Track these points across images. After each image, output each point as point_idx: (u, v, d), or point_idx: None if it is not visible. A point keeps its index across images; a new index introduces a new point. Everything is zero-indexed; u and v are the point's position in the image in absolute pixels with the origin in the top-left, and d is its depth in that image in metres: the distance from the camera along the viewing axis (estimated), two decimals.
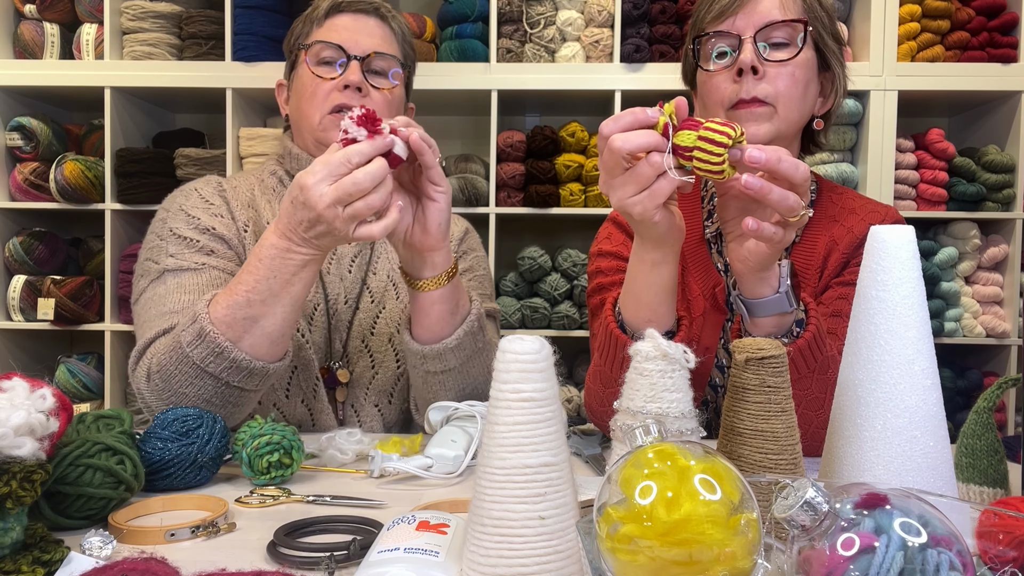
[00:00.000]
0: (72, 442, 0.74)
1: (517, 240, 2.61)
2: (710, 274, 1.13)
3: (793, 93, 1.05)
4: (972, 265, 2.37)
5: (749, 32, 1.04)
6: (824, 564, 0.44)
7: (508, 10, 2.33)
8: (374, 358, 1.25)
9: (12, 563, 0.58)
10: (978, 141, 2.47)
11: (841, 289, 1.09)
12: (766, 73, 1.04)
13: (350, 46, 1.23)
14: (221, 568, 0.54)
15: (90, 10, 2.40)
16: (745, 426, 0.64)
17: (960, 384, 2.38)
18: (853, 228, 1.13)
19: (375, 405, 1.25)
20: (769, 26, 1.04)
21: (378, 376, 1.25)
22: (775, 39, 1.05)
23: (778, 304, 0.89)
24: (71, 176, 2.31)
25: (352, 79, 1.21)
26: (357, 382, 1.25)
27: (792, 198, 0.79)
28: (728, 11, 1.06)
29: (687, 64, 1.18)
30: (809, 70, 1.08)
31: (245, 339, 0.97)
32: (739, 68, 1.04)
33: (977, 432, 0.77)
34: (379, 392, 1.25)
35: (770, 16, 1.05)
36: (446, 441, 0.93)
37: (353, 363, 1.25)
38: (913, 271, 0.66)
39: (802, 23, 1.05)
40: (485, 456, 0.58)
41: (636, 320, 0.95)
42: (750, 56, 1.03)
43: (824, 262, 1.12)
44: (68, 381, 2.40)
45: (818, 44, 1.09)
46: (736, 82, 1.05)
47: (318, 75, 1.23)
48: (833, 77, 1.13)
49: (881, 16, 2.26)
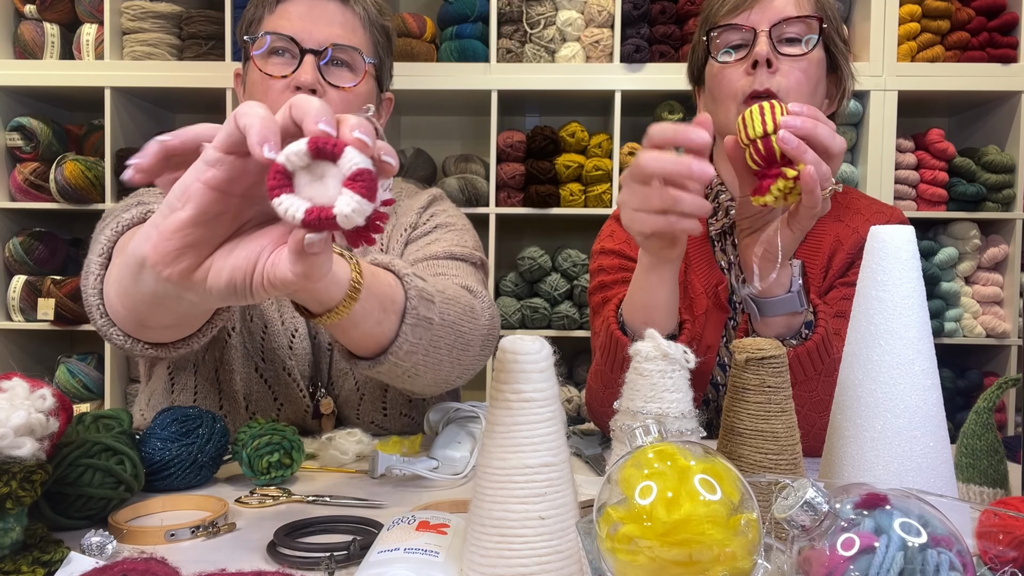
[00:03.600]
0: (72, 442, 0.73)
1: (517, 240, 2.61)
2: (713, 272, 1.13)
3: (804, 89, 1.06)
4: (972, 265, 2.37)
5: (764, 26, 1.05)
6: (824, 564, 0.44)
7: (508, 10, 2.33)
8: (357, 378, 1.14)
9: (12, 563, 0.58)
10: (978, 141, 2.47)
11: (845, 290, 1.09)
12: (779, 68, 1.05)
13: (303, 37, 1.05)
14: (221, 568, 0.54)
15: (90, 10, 2.40)
16: (745, 426, 0.64)
17: (960, 384, 2.38)
18: (858, 228, 1.13)
19: (371, 422, 1.17)
20: (784, 21, 1.05)
21: (365, 398, 1.16)
22: (788, 34, 1.06)
23: (790, 304, 0.89)
24: (71, 176, 2.31)
25: (304, 79, 1.03)
26: (345, 404, 1.15)
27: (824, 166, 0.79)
28: (744, 5, 1.07)
29: (695, 59, 1.18)
30: (819, 68, 1.08)
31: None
32: (754, 60, 1.04)
33: (977, 432, 0.77)
34: (372, 411, 1.17)
35: (785, 12, 1.05)
36: (451, 442, 0.93)
37: (339, 386, 1.15)
38: (913, 271, 0.66)
39: (817, 20, 1.06)
40: (485, 456, 0.58)
41: (634, 323, 0.95)
42: (765, 48, 1.04)
43: (828, 262, 1.13)
44: (68, 381, 2.40)
45: (828, 44, 1.10)
46: (749, 75, 1.05)
47: (267, 72, 1.06)
48: (840, 79, 1.14)
49: (881, 16, 2.27)
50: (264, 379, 1.11)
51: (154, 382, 1.16)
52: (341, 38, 1.07)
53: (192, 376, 1.11)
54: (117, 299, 0.76)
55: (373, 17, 1.13)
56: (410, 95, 2.36)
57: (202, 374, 1.11)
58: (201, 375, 1.11)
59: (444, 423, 1.02)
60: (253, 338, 1.10)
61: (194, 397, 1.11)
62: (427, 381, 0.92)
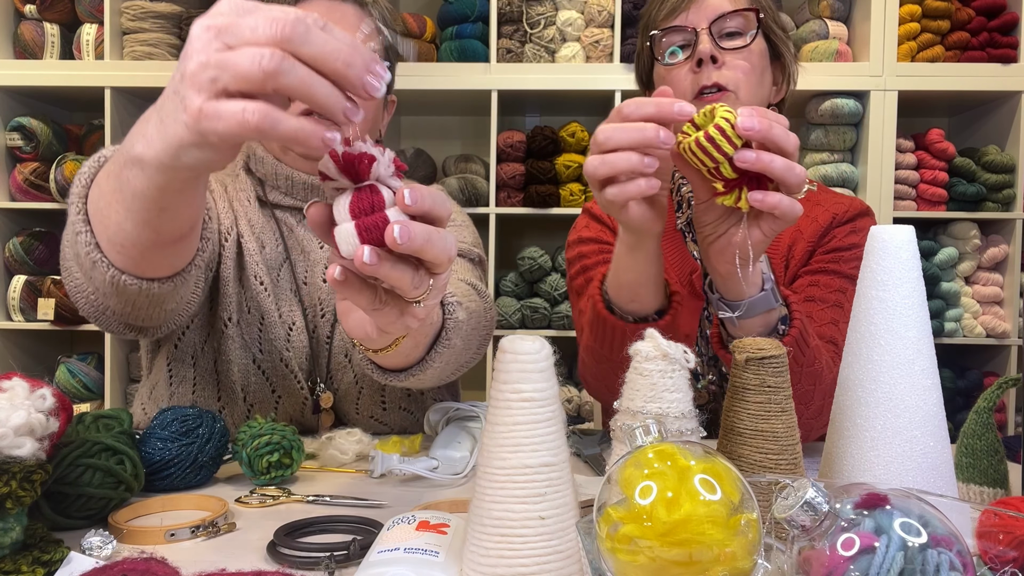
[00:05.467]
0: (72, 442, 0.74)
1: (517, 240, 2.61)
2: (686, 261, 1.15)
3: (752, 79, 1.08)
4: (972, 265, 2.37)
5: (703, 24, 1.07)
6: (824, 564, 0.44)
7: (508, 10, 2.33)
8: (355, 372, 1.15)
9: (12, 563, 0.58)
10: (978, 141, 2.47)
11: (811, 277, 1.11)
12: (725, 62, 1.07)
13: None
14: (221, 568, 0.54)
15: (90, 10, 2.40)
16: (745, 426, 0.64)
17: (960, 384, 2.38)
18: (817, 218, 1.15)
19: (371, 417, 1.18)
20: (721, 17, 1.07)
21: (364, 392, 1.16)
22: (728, 29, 1.08)
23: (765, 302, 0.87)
24: (71, 176, 2.31)
25: None
26: (344, 398, 1.16)
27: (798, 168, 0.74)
28: (680, 7, 1.09)
29: (641, 64, 1.20)
30: (763, 58, 1.11)
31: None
32: (699, 59, 1.06)
33: (977, 432, 0.77)
34: (371, 405, 1.17)
35: (721, 8, 1.07)
36: (451, 442, 0.93)
37: (337, 380, 1.15)
38: (913, 271, 0.66)
39: (753, 12, 1.08)
40: (485, 456, 0.58)
41: (619, 300, 0.93)
42: (708, 46, 1.06)
43: (789, 252, 1.14)
44: (68, 381, 2.40)
45: (767, 34, 1.12)
46: (696, 72, 1.07)
47: None
48: (784, 66, 1.16)
49: (881, 16, 2.27)
50: (262, 371, 1.11)
51: (155, 375, 1.16)
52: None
53: (191, 368, 1.11)
54: (107, 226, 0.74)
55: (388, 21, 1.16)
56: (410, 95, 2.36)
57: (200, 366, 1.11)
58: (200, 367, 1.11)
59: (444, 423, 1.02)
60: (251, 329, 1.10)
61: (193, 389, 1.11)
62: (430, 382, 0.95)
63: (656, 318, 0.92)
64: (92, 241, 0.78)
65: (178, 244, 0.77)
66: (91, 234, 0.78)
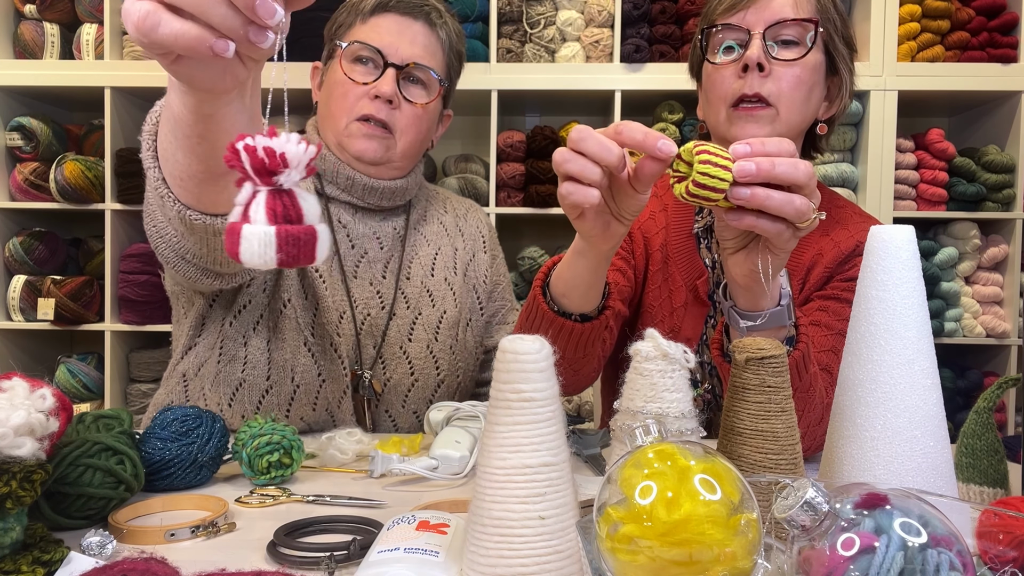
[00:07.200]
0: (72, 442, 0.73)
1: (517, 240, 2.61)
2: (695, 266, 1.13)
3: (796, 95, 1.04)
4: (972, 265, 2.37)
5: (759, 28, 1.03)
6: (824, 564, 0.44)
7: (508, 10, 2.33)
8: (413, 365, 1.22)
9: (12, 563, 0.58)
10: (978, 141, 2.47)
11: (821, 302, 1.07)
12: (772, 71, 1.03)
13: (390, 52, 1.15)
14: (221, 568, 0.54)
15: (90, 10, 2.40)
16: (745, 426, 0.64)
17: (960, 384, 2.38)
18: (840, 243, 1.10)
19: (414, 412, 1.24)
20: (779, 23, 1.03)
21: (418, 383, 1.23)
22: (784, 36, 1.04)
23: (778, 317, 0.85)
24: (71, 176, 2.31)
25: (384, 90, 1.14)
26: (395, 389, 1.22)
27: (798, 200, 0.71)
28: (739, 4, 1.05)
29: (694, 56, 1.17)
30: (815, 72, 1.06)
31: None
32: (744, 64, 1.03)
33: (977, 432, 0.77)
34: (419, 400, 1.23)
35: (782, 13, 1.03)
36: (450, 442, 0.93)
37: (390, 370, 1.22)
38: (913, 271, 0.66)
39: (813, 23, 1.04)
40: (485, 456, 0.58)
41: (554, 289, 0.92)
42: (757, 52, 1.02)
43: (807, 274, 1.10)
44: (68, 381, 2.40)
45: (828, 47, 1.08)
46: (741, 78, 1.04)
47: (351, 77, 1.15)
48: (840, 82, 1.12)
49: (881, 16, 2.27)
50: (311, 353, 1.16)
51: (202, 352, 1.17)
52: (422, 58, 1.18)
53: (242, 348, 1.15)
54: (167, 159, 0.81)
55: (453, 42, 1.25)
56: None
57: (252, 345, 1.15)
58: (251, 347, 1.15)
59: (444, 423, 1.02)
60: (307, 313, 1.16)
61: (243, 367, 1.15)
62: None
63: (578, 320, 0.91)
64: (159, 176, 0.85)
65: (227, 178, 0.81)
66: (159, 169, 0.85)
